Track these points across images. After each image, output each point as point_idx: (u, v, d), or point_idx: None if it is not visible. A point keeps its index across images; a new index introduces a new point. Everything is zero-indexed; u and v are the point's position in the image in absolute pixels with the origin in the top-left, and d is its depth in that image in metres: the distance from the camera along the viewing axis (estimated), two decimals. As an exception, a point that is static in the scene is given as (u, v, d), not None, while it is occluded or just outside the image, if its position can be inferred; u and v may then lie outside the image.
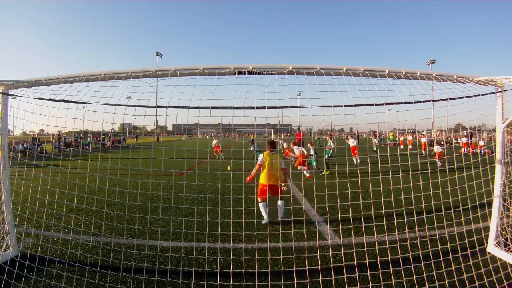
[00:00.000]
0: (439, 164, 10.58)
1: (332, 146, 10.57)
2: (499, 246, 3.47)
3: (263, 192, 4.86)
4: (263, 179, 4.88)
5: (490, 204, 3.53)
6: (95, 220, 4.42)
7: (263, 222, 4.79)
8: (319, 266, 2.93)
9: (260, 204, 4.91)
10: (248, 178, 5.00)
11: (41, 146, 18.44)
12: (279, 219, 4.66)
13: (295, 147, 10.08)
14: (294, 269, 3.02)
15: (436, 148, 11.27)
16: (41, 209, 4.39)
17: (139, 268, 3.20)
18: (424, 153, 15.65)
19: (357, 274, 2.84)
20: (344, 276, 2.82)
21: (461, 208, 3.42)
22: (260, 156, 5.03)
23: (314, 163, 10.56)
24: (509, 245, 3.40)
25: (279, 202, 4.82)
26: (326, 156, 10.53)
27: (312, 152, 10.41)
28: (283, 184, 4.88)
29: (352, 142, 12.45)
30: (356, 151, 12.22)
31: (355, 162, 11.84)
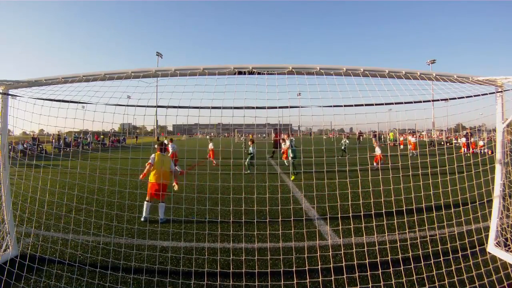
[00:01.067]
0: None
1: (285, 147, 10.50)
2: (499, 246, 3.47)
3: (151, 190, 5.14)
4: (152, 178, 5.17)
5: (490, 204, 3.53)
6: (95, 220, 4.42)
7: (142, 219, 4.99)
8: (319, 266, 2.93)
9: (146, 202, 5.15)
10: (141, 176, 5.21)
11: (41, 146, 18.44)
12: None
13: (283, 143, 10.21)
14: (294, 269, 3.02)
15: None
16: (41, 209, 4.39)
17: (139, 268, 3.19)
18: (415, 154, 15.59)
19: (357, 274, 2.84)
20: (344, 276, 2.82)
21: (461, 208, 3.43)
22: (152, 156, 5.27)
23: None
24: (509, 245, 3.40)
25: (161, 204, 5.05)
26: (290, 158, 10.25)
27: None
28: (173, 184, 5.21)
29: (377, 151, 11.87)
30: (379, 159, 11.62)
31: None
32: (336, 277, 2.83)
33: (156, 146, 5.63)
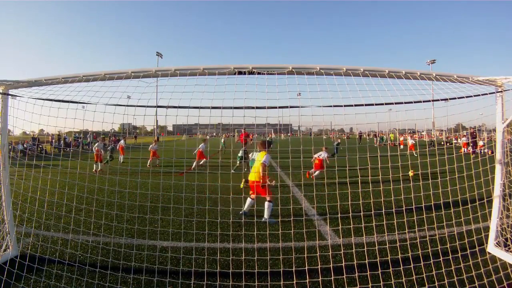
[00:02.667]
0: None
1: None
2: (499, 246, 3.47)
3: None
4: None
5: (490, 204, 3.53)
6: (95, 220, 4.42)
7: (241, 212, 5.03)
8: (319, 266, 2.93)
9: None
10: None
11: (41, 146, 18.45)
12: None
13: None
14: (293, 269, 3.02)
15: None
16: (40, 209, 4.39)
17: (139, 268, 3.19)
18: (415, 154, 15.38)
19: (356, 274, 2.84)
20: (344, 276, 2.82)
21: (461, 208, 3.43)
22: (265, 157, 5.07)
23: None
24: (509, 245, 3.40)
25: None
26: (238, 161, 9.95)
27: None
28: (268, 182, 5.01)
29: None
30: None
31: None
32: (336, 277, 2.83)
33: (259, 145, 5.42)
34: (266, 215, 4.78)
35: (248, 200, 5.14)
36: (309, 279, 2.86)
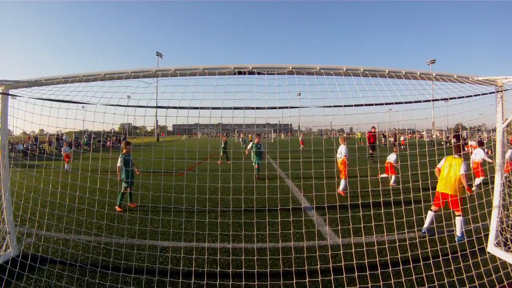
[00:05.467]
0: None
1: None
2: (499, 246, 3.47)
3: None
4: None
5: (490, 204, 3.53)
6: (96, 220, 4.43)
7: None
8: (319, 266, 2.93)
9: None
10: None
11: (41, 146, 18.45)
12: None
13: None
14: (293, 269, 3.03)
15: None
16: (41, 209, 4.39)
17: (140, 268, 3.20)
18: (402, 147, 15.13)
19: (356, 274, 2.84)
20: (344, 276, 2.82)
21: (460, 208, 3.43)
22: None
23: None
24: (508, 245, 3.41)
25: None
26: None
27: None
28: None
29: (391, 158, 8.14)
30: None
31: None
32: (335, 277, 2.83)
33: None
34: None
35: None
36: (309, 279, 2.86)
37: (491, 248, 3.54)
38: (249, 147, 10.28)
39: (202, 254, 3.54)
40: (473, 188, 5.82)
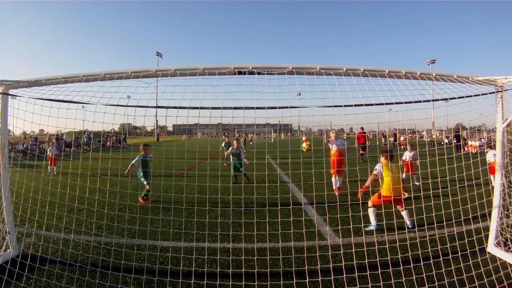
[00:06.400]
0: None
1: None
2: (499, 246, 3.47)
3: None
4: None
5: (490, 204, 3.53)
6: (96, 221, 4.43)
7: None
8: (319, 266, 2.93)
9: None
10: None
11: (41, 146, 18.45)
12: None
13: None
14: (293, 269, 3.02)
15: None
16: (41, 209, 4.39)
17: (140, 268, 3.20)
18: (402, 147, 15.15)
19: (356, 274, 2.84)
20: (344, 276, 2.82)
21: (460, 208, 3.42)
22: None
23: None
24: (509, 245, 3.40)
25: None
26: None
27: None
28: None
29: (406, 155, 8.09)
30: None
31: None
32: (336, 277, 2.83)
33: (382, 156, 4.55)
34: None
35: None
36: (309, 279, 2.86)
37: (491, 248, 3.54)
38: (228, 151, 8.85)
39: (202, 254, 3.54)
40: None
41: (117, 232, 4.29)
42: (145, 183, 6.16)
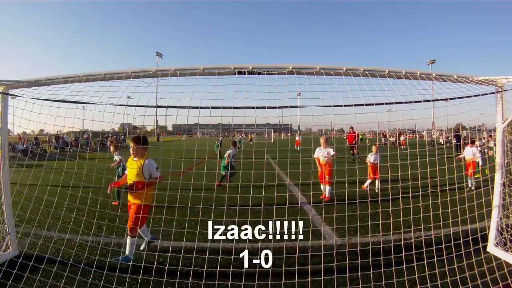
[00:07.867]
0: None
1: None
2: (499, 245, 3.47)
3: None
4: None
5: (490, 204, 3.52)
6: (96, 221, 4.42)
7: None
8: (319, 266, 2.93)
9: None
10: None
11: (41, 146, 18.44)
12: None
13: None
14: (296, 268, 3.02)
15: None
16: (40, 208, 4.38)
17: (139, 268, 3.19)
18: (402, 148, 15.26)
19: (359, 274, 2.84)
20: (346, 275, 2.82)
21: (459, 208, 3.43)
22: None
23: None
24: (508, 245, 3.41)
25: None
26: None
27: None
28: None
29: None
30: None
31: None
32: (337, 276, 2.83)
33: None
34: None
35: None
36: (310, 279, 2.86)
37: (491, 248, 3.54)
38: (226, 154, 8.18)
39: (202, 254, 3.54)
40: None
41: (117, 232, 4.28)
42: None
